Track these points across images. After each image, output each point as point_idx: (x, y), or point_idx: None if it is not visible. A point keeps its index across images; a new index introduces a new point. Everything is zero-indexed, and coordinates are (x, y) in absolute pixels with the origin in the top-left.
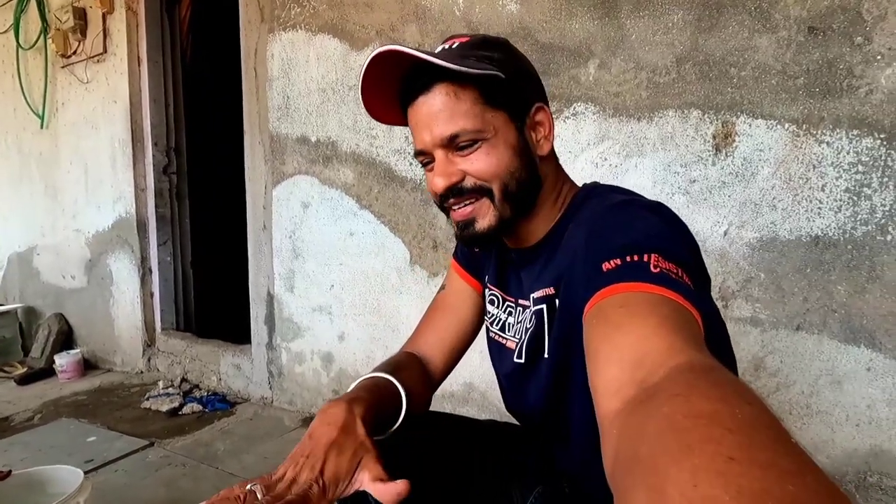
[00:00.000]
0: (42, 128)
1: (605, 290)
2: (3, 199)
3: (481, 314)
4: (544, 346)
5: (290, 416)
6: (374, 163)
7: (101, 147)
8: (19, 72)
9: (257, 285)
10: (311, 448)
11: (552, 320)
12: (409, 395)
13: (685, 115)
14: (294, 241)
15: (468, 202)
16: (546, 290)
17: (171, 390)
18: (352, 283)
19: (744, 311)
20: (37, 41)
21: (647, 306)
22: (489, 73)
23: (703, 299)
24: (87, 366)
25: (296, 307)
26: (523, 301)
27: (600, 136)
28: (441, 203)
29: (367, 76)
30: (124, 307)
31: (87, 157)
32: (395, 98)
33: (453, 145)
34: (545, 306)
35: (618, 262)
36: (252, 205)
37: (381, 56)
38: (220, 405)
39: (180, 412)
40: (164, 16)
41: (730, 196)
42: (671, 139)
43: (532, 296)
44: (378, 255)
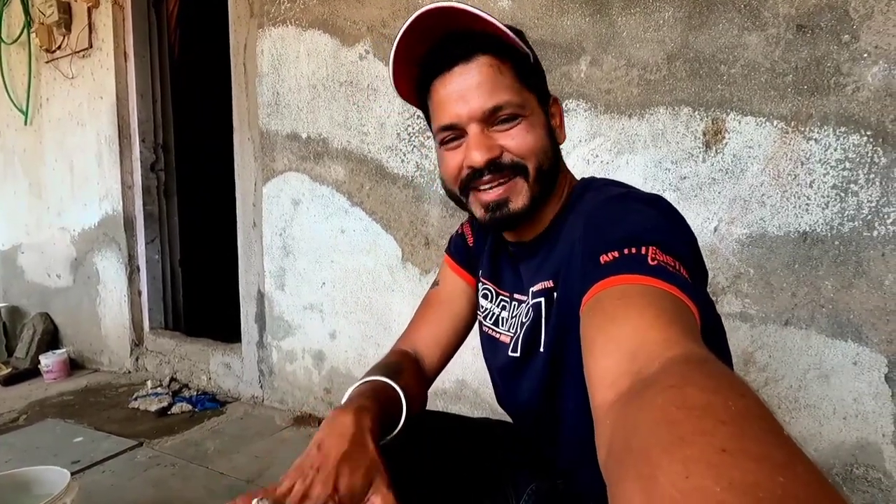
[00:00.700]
0: (26, 124)
1: (602, 282)
2: None
3: (475, 308)
4: (540, 339)
5: (281, 415)
6: (365, 159)
7: (87, 143)
8: (1, 67)
9: (247, 283)
10: (322, 460)
11: (549, 313)
12: (408, 399)
13: (676, 112)
14: (285, 238)
15: (502, 181)
16: (545, 283)
17: (160, 390)
18: (343, 281)
19: (734, 306)
20: (20, 36)
21: (645, 298)
22: (528, 51)
23: (699, 292)
24: (74, 366)
25: (287, 305)
26: (519, 295)
27: (592, 132)
28: (468, 183)
29: (406, 34)
30: (111, 306)
31: (73, 154)
32: (413, 73)
33: (493, 119)
34: (543, 299)
35: (616, 255)
36: (242, 202)
37: (429, 14)
38: (209, 404)
39: (169, 412)
40: (151, 10)
41: (720, 192)
42: (662, 136)
43: (531, 289)
44: (370, 252)
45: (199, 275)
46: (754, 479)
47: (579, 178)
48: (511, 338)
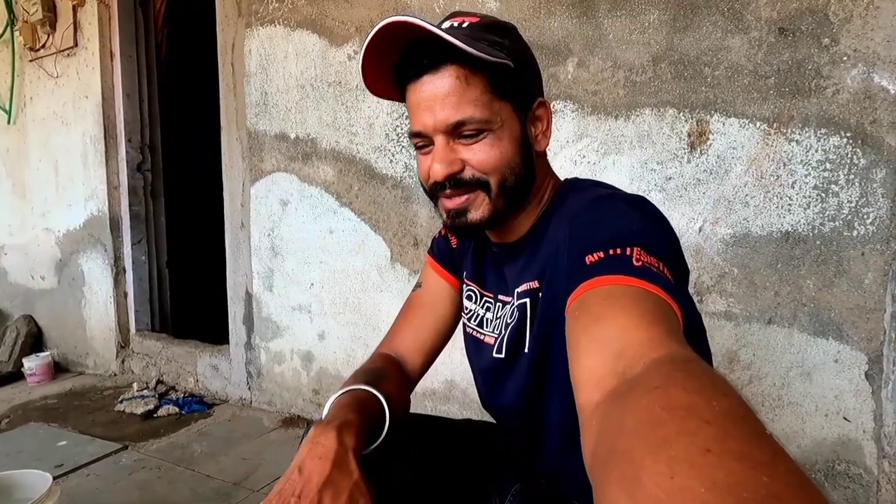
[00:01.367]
0: (9, 123)
1: (588, 283)
2: None
3: (458, 311)
4: (525, 340)
5: (270, 417)
6: (354, 160)
7: (72, 143)
8: None
9: (235, 284)
10: (303, 486)
11: (534, 314)
12: (391, 406)
13: (661, 114)
14: (273, 239)
15: (463, 192)
16: (530, 283)
17: (146, 392)
18: (332, 282)
19: (718, 305)
20: (3, 34)
21: (630, 299)
22: (503, 60)
23: (681, 293)
24: (58, 369)
25: (275, 306)
26: (503, 296)
27: (579, 133)
28: (433, 190)
29: (372, 43)
30: (97, 308)
31: (58, 154)
32: (391, 70)
33: (457, 132)
34: (529, 300)
35: (601, 255)
36: (230, 202)
37: (392, 26)
38: (197, 407)
39: (156, 414)
40: (137, 9)
41: (704, 193)
42: (648, 137)
43: (516, 290)
44: (358, 253)
45: (186, 276)
46: (738, 479)
47: (564, 178)
48: (495, 339)
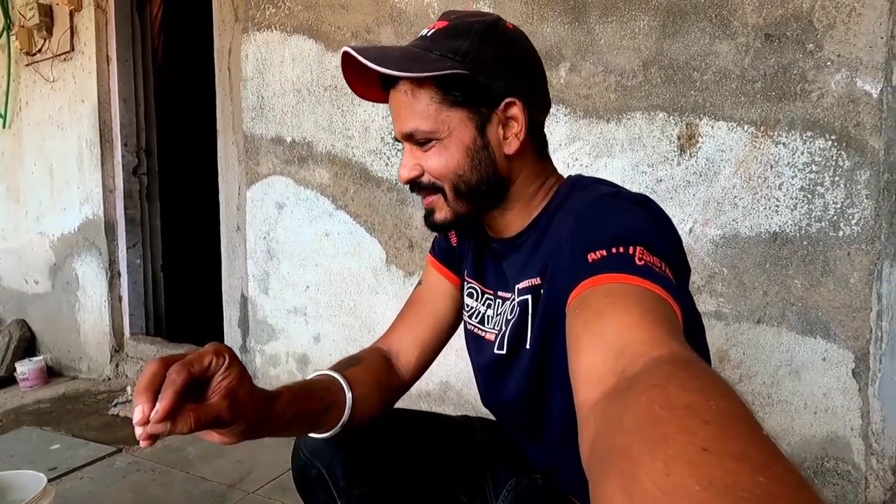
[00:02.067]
0: (4, 127)
1: (589, 280)
2: None
3: (459, 309)
4: (527, 336)
5: None
6: (349, 163)
7: (67, 147)
8: None
9: (231, 287)
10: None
11: (536, 310)
12: (354, 388)
13: (651, 117)
14: (269, 242)
15: (427, 195)
16: (532, 279)
17: None
18: (327, 284)
19: (708, 305)
20: (2, 35)
21: (631, 298)
22: (436, 74)
23: (682, 293)
24: (52, 373)
25: (270, 309)
26: (503, 293)
27: (571, 136)
28: (411, 190)
29: (344, 69)
30: (91, 312)
31: (53, 158)
32: (378, 80)
33: (413, 141)
34: (530, 296)
35: (603, 253)
36: (225, 206)
37: (346, 55)
38: None
39: None
40: (134, 14)
41: (694, 195)
42: (638, 140)
43: (517, 286)
44: (354, 255)
45: (181, 279)
46: (734, 479)
47: (567, 175)
48: (496, 335)
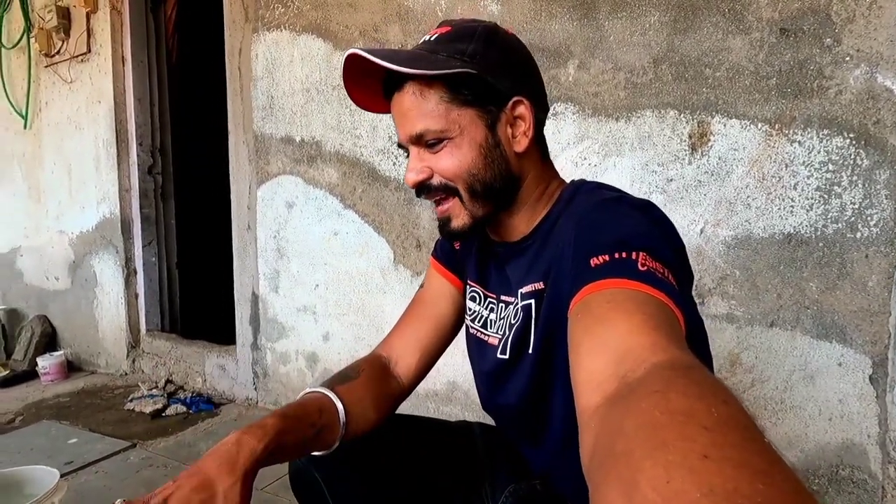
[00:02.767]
0: (25, 128)
1: (592, 285)
2: None
3: (461, 311)
4: (529, 341)
5: None
6: (358, 162)
7: (85, 147)
8: (2, 72)
9: (242, 285)
10: (189, 477)
11: (539, 315)
12: (348, 405)
13: (662, 115)
14: (279, 241)
15: (439, 199)
16: (535, 284)
17: (155, 392)
18: (336, 283)
19: (720, 307)
20: (20, 40)
21: (633, 303)
22: (447, 72)
23: (685, 298)
24: (71, 368)
25: (280, 307)
26: (506, 297)
27: (580, 135)
28: (418, 196)
29: (346, 74)
30: (108, 309)
31: (71, 158)
32: (380, 89)
33: (422, 143)
34: (534, 301)
35: (606, 258)
36: (236, 205)
37: (352, 58)
38: (204, 406)
39: (164, 414)
40: (148, 15)
41: (706, 194)
42: (649, 139)
43: (520, 291)
44: (362, 254)
45: (195, 277)
46: (734, 486)
47: (570, 179)
48: (500, 339)
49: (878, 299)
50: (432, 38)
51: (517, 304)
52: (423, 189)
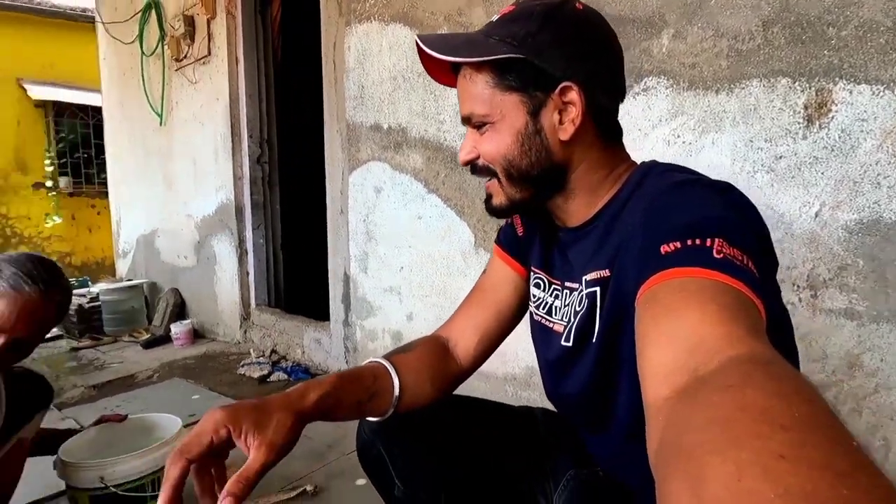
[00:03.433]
0: (161, 125)
1: (662, 274)
2: (131, 190)
3: (523, 298)
4: (594, 329)
5: None
6: (441, 147)
7: (206, 140)
8: (143, 76)
9: (335, 266)
10: (255, 402)
11: (604, 303)
12: (401, 374)
13: (771, 85)
14: (367, 224)
15: (487, 179)
16: (601, 272)
17: (262, 360)
18: (420, 266)
19: (837, 301)
20: (156, 48)
21: (707, 293)
22: (486, 59)
23: (767, 287)
24: (197, 335)
25: (369, 287)
26: (571, 283)
27: (673, 111)
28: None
29: (421, 57)
30: (225, 284)
31: (195, 151)
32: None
33: (472, 124)
34: (598, 289)
35: (678, 245)
36: (331, 190)
37: (419, 45)
38: (302, 375)
39: (268, 379)
40: (257, 18)
41: (823, 173)
42: (754, 112)
43: (584, 278)
44: (444, 238)
45: (296, 257)
46: (813, 488)
47: (642, 161)
48: (564, 327)
49: None
50: (495, 20)
51: (582, 291)
52: (471, 169)
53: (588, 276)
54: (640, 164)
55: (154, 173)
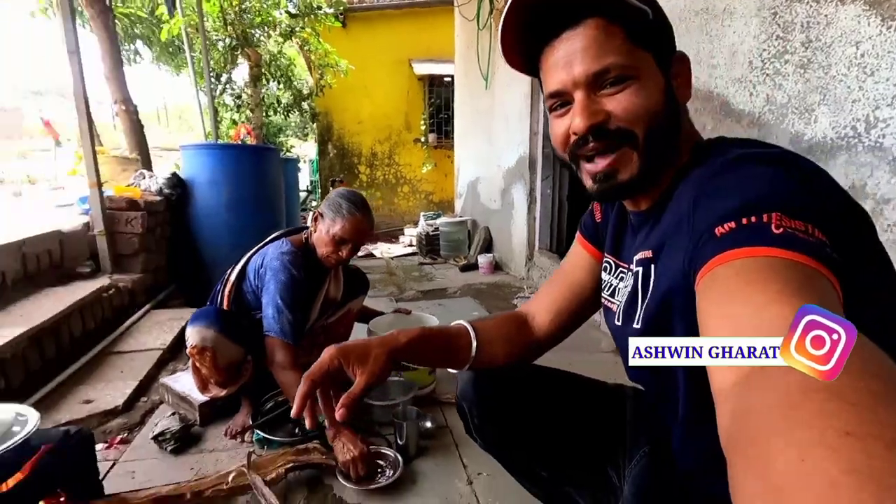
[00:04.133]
0: (486, 89)
1: (720, 257)
2: (466, 143)
3: (598, 281)
4: (637, 311)
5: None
6: (710, 96)
7: (514, 99)
8: (478, 46)
9: None
10: (358, 341)
11: (647, 286)
12: (479, 334)
13: None
14: None
15: (608, 150)
16: (646, 252)
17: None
18: None
19: None
20: (488, 21)
21: (768, 272)
22: (643, 7)
23: (850, 253)
24: (497, 267)
25: None
26: (630, 265)
27: None
28: (574, 150)
29: (512, 9)
30: (518, 227)
31: (508, 109)
32: (525, 38)
33: (600, 83)
34: (642, 269)
35: (732, 226)
36: None
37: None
38: None
39: None
40: None
41: None
42: None
43: (635, 258)
44: None
45: (581, 208)
46: (882, 465)
47: (707, 138)
48: (617, 307)
49: None
50: None
51: (632, 272)
52: (597, 135)
53: (637, 256)
54: (707, 140)
55: (480, 130)
